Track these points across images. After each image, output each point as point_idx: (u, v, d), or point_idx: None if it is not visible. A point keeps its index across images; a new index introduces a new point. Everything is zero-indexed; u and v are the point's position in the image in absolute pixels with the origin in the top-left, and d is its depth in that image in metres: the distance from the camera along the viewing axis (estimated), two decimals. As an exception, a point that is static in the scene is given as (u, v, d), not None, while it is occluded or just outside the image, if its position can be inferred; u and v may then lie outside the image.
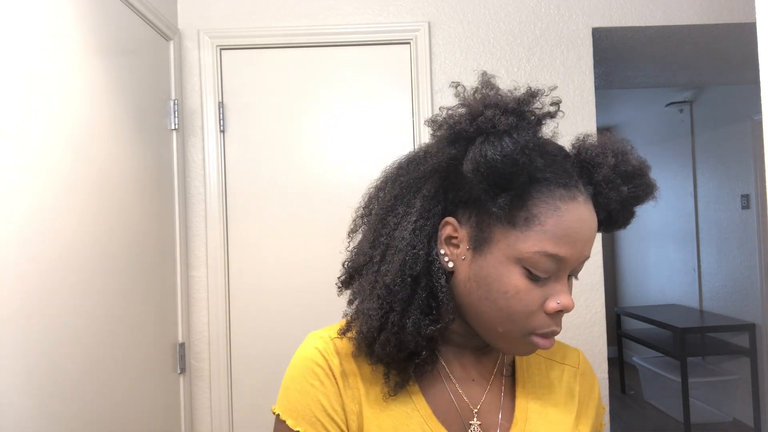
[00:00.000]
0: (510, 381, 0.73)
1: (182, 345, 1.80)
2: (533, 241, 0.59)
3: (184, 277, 1.83)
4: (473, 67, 1.92)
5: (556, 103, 0.61)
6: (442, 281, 0.64)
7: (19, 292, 1.03)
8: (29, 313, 1.06)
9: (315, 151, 1.91)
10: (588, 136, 0.67)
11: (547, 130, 0.65)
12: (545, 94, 0.60)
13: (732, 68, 2.69)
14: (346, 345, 0.69)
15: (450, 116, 0.61)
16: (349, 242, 0.73)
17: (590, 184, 0.64)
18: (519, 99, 0.58)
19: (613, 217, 0.66)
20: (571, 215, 0.60)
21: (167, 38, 1.80)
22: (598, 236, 1.90)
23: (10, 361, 1.00)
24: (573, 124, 1.88)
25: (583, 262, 0.64)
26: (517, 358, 0.74)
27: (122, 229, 1.43)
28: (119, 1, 1.48)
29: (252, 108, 1.91)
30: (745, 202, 3.66)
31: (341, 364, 0.67)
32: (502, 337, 0.63)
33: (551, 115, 0.60)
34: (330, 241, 1.81)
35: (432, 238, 0.65)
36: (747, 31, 1.99)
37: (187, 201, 1.88)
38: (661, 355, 4.06)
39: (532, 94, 0.59)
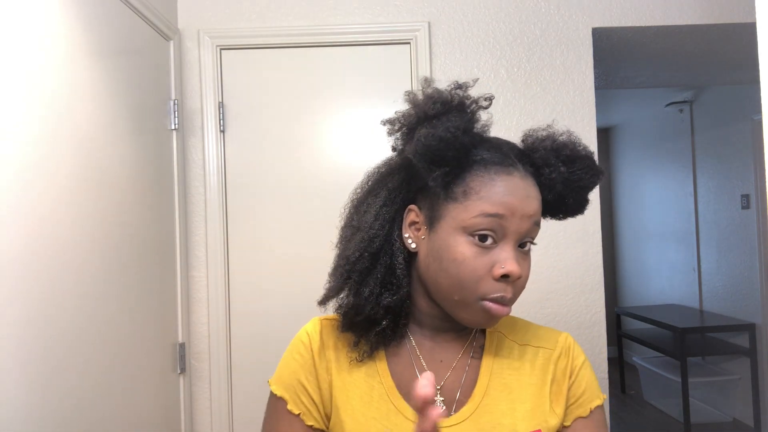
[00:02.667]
0: (477, 363, 0.76)
1: (182, 345, 1.80)
2: (472, 207, 0.67)
3: (184, 277, 1.83)
4: (473, 67, 1.92)
5: (489, 99, 0.72)
6: (400, 260, 0.74)
7: (19, 292, 1.03)
8: (29, 313, 1.06)
9: (315, 150, 1.91)
10: (535, 129, 0.75)
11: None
12: (470, 86, 0.71)
13: (732, 68, 2.69)
14: (330, 325, 0.79)
15: (402, 116, 0.72)
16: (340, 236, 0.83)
17: (531, 166, 0.71)
18: (449, 90, 0.70)
19: (562, 199, 0.73)
20: (505, 183, 0.67)
21: (167, 38, 1.80)
22: (597, 236, 1.90)
23: (10, 361, 1.00)
24: (573, 124, 1.88)
25: (531, 226, 0.69)
26: (487, 342, 0.78)
27: (122, 229, 1.43)
28: (119, 1, 1.48)
29: (252, 108, 1.91)
30: (745, 202, 3.66)
31: (321, 340, 0.77)
32: (459, 305, 0.69)
33: (481, 106, 0.71)
34: (330, 241, 1.81)
35: (395, 223, 0.75)
36: (747, 31, 1.99)
37: (187, 201, 1.88)
38: (661, 355, 4.05)
39: (458, 87, 0.70)
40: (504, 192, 0.67)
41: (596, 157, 0.73)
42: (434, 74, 1.89)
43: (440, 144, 0.65)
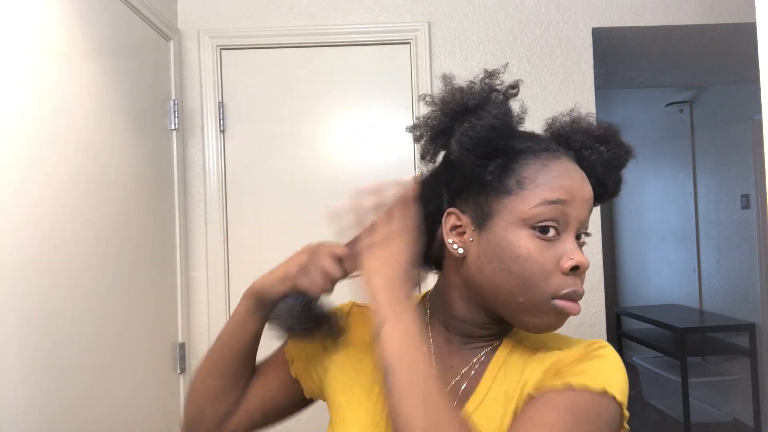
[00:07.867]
0: (483, 370, 0.69)
1: (182, 345, 1.80)
2: (531, 197, 0.63)
3: (184, 277, 1.83)
4: (473, 67, 1.92)
5: (515, 86, 0.68)
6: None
7: (19, 292, 1.03)
8: (29, 313, 1.06)
9: (315, 150, 1.91)
10: (557, 117, 0.73)
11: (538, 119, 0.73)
12: (501, 72, 0.68)
13: (732, 68, 2.69)
14: (359, 311, 0.81)
15: (427, 118, 0.68)
16: None
17: (570, 149, 0.69)
18: (480, 80, 0.67)
19: (601, 182, 0.70)
20: (559, 167, 0.64)
21: (167, 38, 1.80)
22: (597, 236, 1.90)
23: (11, 360, 1.00)
24: (573, 124, 1.87)
25: (588, 213, 0.66)
26: (500, 350, 0.70)
27: (122, 229, 1.43)
28: (119, 1, 1.48)
29: (252, 108, 1.91)
30: (745, 202, 3.66)
31: (349, 315, 0.81)
32: (525, 309, 0.63)
33: (513, 90, 0.68)
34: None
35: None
36: (747, 31, 1.98)
37: (187, 201, 1.88)
38: (661, 355, 4.05)
39: (490, 74, 0.67)
40: (561, 176, 0.63)
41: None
42: (434, 74, 1.89)
43: (491, 133, 0.62)
